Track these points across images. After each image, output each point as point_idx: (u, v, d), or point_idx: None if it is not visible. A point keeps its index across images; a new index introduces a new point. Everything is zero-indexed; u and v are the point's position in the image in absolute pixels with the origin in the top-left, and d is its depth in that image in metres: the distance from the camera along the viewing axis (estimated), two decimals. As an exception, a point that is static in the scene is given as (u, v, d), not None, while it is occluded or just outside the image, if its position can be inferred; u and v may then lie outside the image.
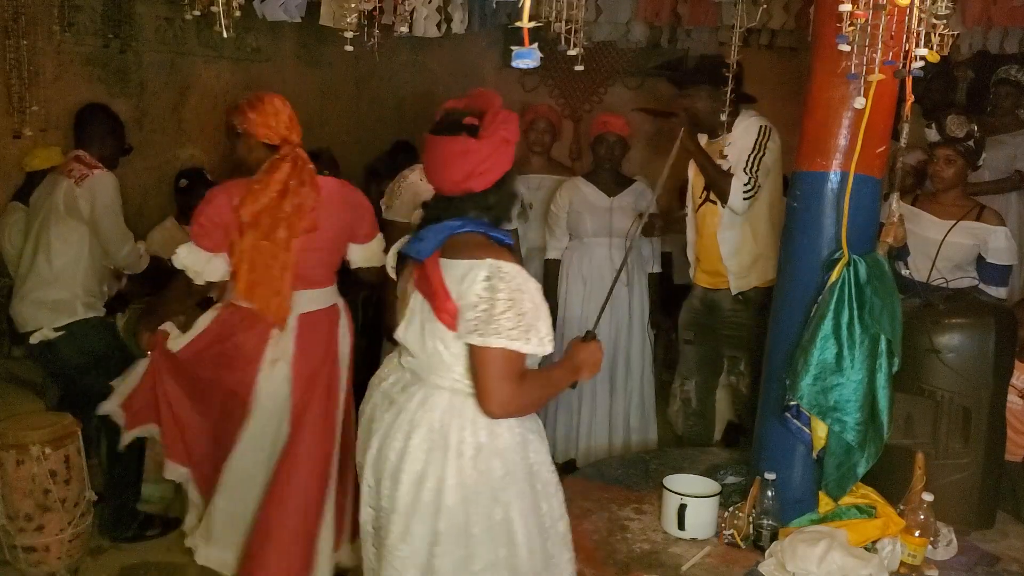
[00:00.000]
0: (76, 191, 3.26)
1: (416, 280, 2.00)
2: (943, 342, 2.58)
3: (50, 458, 3.03)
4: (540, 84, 6.25)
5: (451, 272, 1.92)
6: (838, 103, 2.34)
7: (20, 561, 3.10)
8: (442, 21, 3.64)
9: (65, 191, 3.28)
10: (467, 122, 1.96)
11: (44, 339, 3.30)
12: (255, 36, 4.90)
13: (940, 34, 1.87)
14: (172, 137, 4.59)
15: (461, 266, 1.91)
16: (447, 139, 1.95)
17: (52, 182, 3.36)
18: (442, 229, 1.95)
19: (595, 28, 4.80)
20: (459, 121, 1.98)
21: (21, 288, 3.36)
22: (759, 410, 2.66)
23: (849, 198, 2.31)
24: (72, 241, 3.32)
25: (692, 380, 3.78)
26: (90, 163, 3.33)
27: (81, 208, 3.28)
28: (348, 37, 2.74)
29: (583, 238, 4.15)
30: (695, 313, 3.73)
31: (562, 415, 4.23)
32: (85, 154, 3.37)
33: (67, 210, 3.28)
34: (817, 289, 2.39)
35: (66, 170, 3.32)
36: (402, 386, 2.06)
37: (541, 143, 4.69)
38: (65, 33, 3.98)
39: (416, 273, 2.00)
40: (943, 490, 2.43)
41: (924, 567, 2.35)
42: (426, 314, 1.97)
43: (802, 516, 2.48)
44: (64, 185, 3.28)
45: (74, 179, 3.28)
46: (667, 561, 2.37)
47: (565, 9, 2.45)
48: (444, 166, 1.96)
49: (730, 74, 3.31)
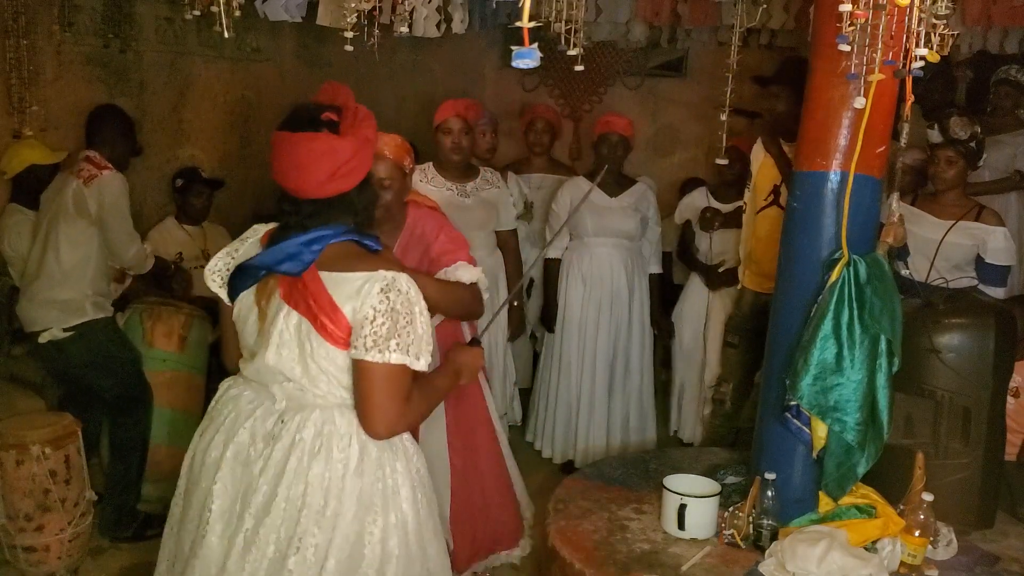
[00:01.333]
0: (84, 191, 3.26)
1: (285, 297, 1.81)
2: (943, 342, 2.58)
3: (50, 458, 3.02)
4: (540, 84, 6.25)
5: (339, 287, 1.77)
6: (838, 103, 2.34)
7: (20, 561, 3.10)
8: (442, 21, 3.64)
9: (74, 191, 3.27)
10: (325, 117, 1.81)
11: (53, 339, 3.29)
12: (255, 36, 4.90)
13: (940, 34, 1.87)
14: (172, 137, 4.58)
15: (351, 279, 1.76)
16: (307, 136, 1.78)
17: (61, 182, 3.36)
18: (315, 239, 1.79)
19: (595, 28, 4.79)
20: (316, 117, 1.81)
21: (30, 288, 3.35)
22: (759, 410, 2.66)
23: (849, 198, 2.32)
24: (81, 241, 3.31)
25: (731, 383, 3.74)
26: (100, 163, 3.33)
27: (89, 208, 3.27)
28: (348, 37, 2.74)
29: (584, 238, 4.15)
30: (743, 317, 3.64)
31: (560, 415, 4.23)
32: (96, 155, 3.36)
33: (76, 210, 3.28)
34: (817, 289, 2.39)
35: (76, 170, 3.32)
36: (280, 418, 1.85)
37: (540, 143, 4.70)
38: (65, 33, 3.98)
39: (283, 289, 1.82)
40: (943, 490, 2.43)
41: (924, 567, 2.35)
42: (305, 333, 1.79)
43: (802, 516, 2.48)
44: (73, 185, 3.28)
45: (83, 179, 3.28)
46: (667, 561, 2.37)
47: (565, 9, 2.45)
48: (305, 166, 1.78)
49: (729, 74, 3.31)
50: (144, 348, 3.56)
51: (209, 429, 1.95)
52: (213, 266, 1.98)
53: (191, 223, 4.32)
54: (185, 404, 3.64)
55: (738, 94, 3.59)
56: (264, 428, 1.86)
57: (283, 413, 1.86)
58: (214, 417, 1.96)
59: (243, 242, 1.99)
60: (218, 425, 1.93)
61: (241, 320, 1.92)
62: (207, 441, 1.93)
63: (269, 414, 1.87)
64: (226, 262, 1.97)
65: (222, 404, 1.97)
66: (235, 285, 1.89)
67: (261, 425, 1.87)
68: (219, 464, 1.87)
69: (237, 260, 1.93)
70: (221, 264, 1.98)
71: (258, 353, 1.86)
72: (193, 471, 1.95)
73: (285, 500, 1.79)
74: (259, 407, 1.89)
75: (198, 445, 1.96)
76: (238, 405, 1.93)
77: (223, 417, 1.93)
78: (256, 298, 1.86)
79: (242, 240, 2.00)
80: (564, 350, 4.19)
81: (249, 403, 1.92)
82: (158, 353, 3.58)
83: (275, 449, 1.82)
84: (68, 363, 3.40)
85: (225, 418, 1.93)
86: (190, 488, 1.96)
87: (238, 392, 1.96)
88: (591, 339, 4.15)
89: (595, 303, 4.14)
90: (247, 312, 1.89)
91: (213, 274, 1.98)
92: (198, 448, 1.96)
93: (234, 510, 1.85)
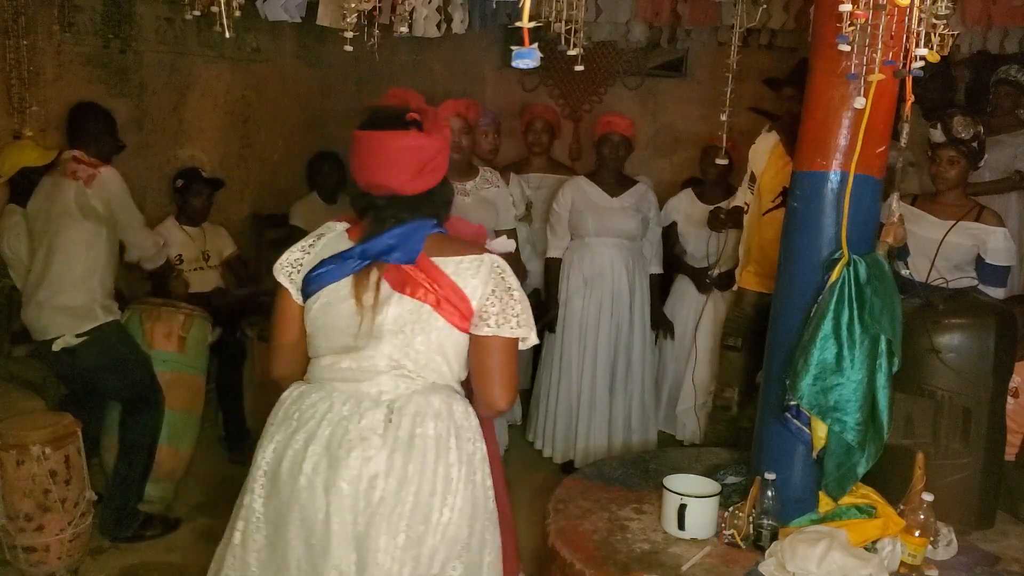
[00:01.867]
0: (88, 192, 3.23)
1: (396, 285, 1.84)
2: (943, 342, 2.58)
3: (50, 458, 3.03)
4: (540, 84, 6.25)
5: (455, 270, 1.85)
6: (838, 103, 2.34)
7: (20, 561, 3.10)
8: (442, 21, 3.63)
9: (76, 194, 3.23)
10: (410, 117, 1.88)
11: (66, 346, 3.28)
12: (255, 36, 4.90)
13: (940, 34, 1.87)
14: (172, 137, 4.59)
15: (464, 263, 1.86)
16: (397, 134, 1.85)
17: (54, 185, 3.31)
18: (416, 229, 1.86)
19: (595, 28, 4.79)
20: (400, 116, 1.88)
21: (36, 295, 3.31)
22: (759, 410, 2.66)
23: (849, 198, 2.31)
24: (91, 244, 3.28)
25: (736, 387, 3.69)
26: (91, 162, 3.30)
27: (97, 208, 3.24)
28: (348, 37, 2.74)
29: (584, 237, 4.15)
30: (745, 319, 3.59)
31: (561, 415, 4.23)
32: (82, 153, 3.34)
33: (82, 213, 3.24)
34: (817, 289, 2.39)
35: (69, 171, 3.28)
36: (389, 409, 1.83)
37: (539, 143, 4.70)
38: (65, 33, 3.98)
39: (392, 278, 1.84)
40: (943, 490, 2.43)
41: (924, 567, 2.35)
42: (425, 318, 1.84)
43: (802, 516, 2.48)
44: (73, 188, 3.24)
45: (81, 180, 3.24)
46: (667, 561, 2.36)
47: (565, 9, 2.45)
48: (395, 162, 1.84)
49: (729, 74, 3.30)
50: (144, 349, 3.56)
51: (295, 437, 1.84)
52: (286, 259, 1.94)
53: (191, 224, 4.32)
54: (185, 405, 3.65)
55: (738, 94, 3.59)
56: (366, 424, 1.81)
57: (392, 402, 1.84)
58: (296, 426, 1.85)
59: (319, 237, 1.96)
60: (309, 432, 1.83)
61: (328, 316, 1.87)
62: (296, 450, 1.83)
63: (370, 408, 1.83)
64: (299, 257, 1.93)
65: (305, 410, 1.87)
66: (318, 280, 1.87)
67: (363, 421, 1.81)
68: (323, 475, 1.79)
69: (316, 255, 1.91)
70: (295, 258, 1.93)
71: (363, 346, 1.84)
72: (282, 486, 1.83)
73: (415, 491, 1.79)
74: (361, 415, 1.83)
75: (282, 456, 1.84)
76: (329, 408, 1.85)
77: (309, 423, 1.84)
78: (355, 291, 1.84)
79: (317, 235, 1.97)
80: (565, 350, 4.20)
81: (343, 404, 1.85)
82: (158, 354, 3.58)
83: (392, 441, 1.80)
84: (81, 368, 3.39)
85: (313, 423, 1.83)
86: (281, 503, 1.83)
87: (321, 395, 1.87)
88: (592, 339, 4.15)
89: (596, 303, 4.14)
90: (338, 306, 1.86)
91: (284, 267, 1.94)
92: (284, 458, 1.84)
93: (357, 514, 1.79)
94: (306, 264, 1.91)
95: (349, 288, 1.85)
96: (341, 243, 1.91)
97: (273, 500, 1.85)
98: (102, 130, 3.46)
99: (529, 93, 6.23)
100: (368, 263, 1.85)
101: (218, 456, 4.24)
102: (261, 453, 1.90)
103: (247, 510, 1.89)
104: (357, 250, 1.86)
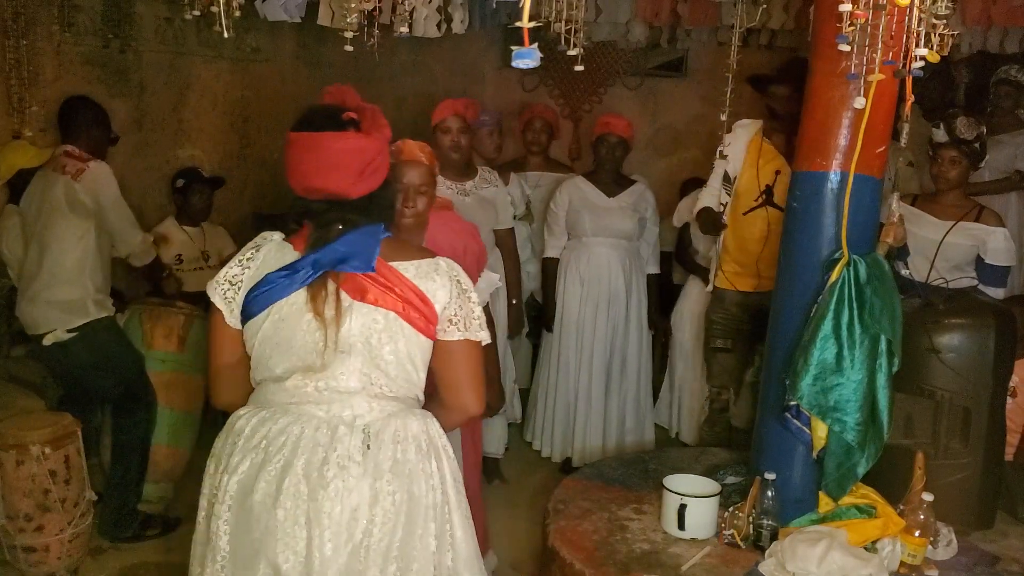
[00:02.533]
0: (76, 187, 3.21)
1: (355, 294, 1.74)
2: (943, 342, 2.58)
3: (50, 458, 3.02)
4: (540, 84, 6.25)
5: (414, 275, 1.77)
6: (838, 103, 2.34)
7: (20, 561, 3.09)
8: (442, 21, 3.64)
9: (64, 188, 3.23)
10: (347, 117, 1.78)
11: (57, 340, 3.27)
12: (255, 36, 4.90)
13: (940, 34, 1.87)
14: (172, 137, 4.58)
15: (421, 267, 1.78)
16: (335, 135, 1.74)
17: (45, 180, 3.30)
18: (368, 234, 1.76)
19: (595, 28, 4.79)
20: (336, 116, 1.77)
21: (28, 289, 3.31)
22: (759, 410, 2.66)
23: (849, 198, 2.32)
24: (79, 238, 3.27)
25: (730, 388, 3.74)
26: (81, 156, 3.28)
27: (85, 203, 3.23)
28: (348, 37, 2.74)
29: (582, 237, 4.16)
30: (731, 319, 3.63)
31: (559, 414, 4.24)
32: (74, 148, 3.32)
33: (70, 207, 3.23)
34: (817, 289, 2.39)
35: (59, 166, 3.26)
36: (365, 433, 1.73)
37: (538, 143, 4.70)
38: (65, 33, 3.98)
39: (349, 288, 1.74)
40: (943, 490, 2.43)
41: (924, 567, 2.35)
42: (391, 328, 1.74)
43: (802, 516, 2.48)
44: (61, 182, 3.23)
45: (70, 175, 3.23)
46: (667, 561, 2.37)
47: (565, 9, 2.45)
48: (336, 165, 1.73)
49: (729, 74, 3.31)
50: (143, 349, 3.55)
51: (267, 468, 1.70)
52: (222, 276, 1.79)
53: (191, 223, 4.32)
54: (184, 405, 3.64)
55: (738, 94, 3.60)
56: (343, 451, 1.70)
57: (367, 427, 1.73)
58: (265, 456, 1.71)
59: (256, 250, 1.81)
60: (284, 462, 1.69)
61: (283, 334, 1.74)
62: (268, 482, 1.69)
63: (346, 434, 1.72)
64: (236, 273, 1.78)
65: (273, 438, 1.72)
66: (267, 296, 1.73)
67: (340, 449, 1.70)
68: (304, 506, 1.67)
69: (258, 269, 1.78)
70: (232, 274, 1.79)
71: (329, 363, 1.72)
72: (253, 521, 1.70)
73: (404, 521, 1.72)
74: (317, 431, 1.71)
75: (250, 488, 1.70)
76: (300, 435, 1.72)
77: (282, 451, 1.70)
78: (312, 304, 1.72)
79: (255, 247, 1.82)
80: (562, 349, 4.20)
81: (316, 431, 1.72)
82: (157, 354, 3.57)
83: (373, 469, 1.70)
84: (71, 364, 3.39)
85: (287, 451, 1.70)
86: (252, 539, 1.70)
87: (289, 420, 1.73)
88: (588, 339, 4.16)
89: (593, 303, 4.15)
90: (293, 321, 1.73)
91: (220, 285, 1.78)
92: (255, 491, 1.70)
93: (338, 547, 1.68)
94: (246, 280, 1.77)
95: (304, 301, 1.72)
96: (284, 254, 1.78)
97: (242, 536, 1.71)
98: (91, 122, 3.41)
99: (529, 93, 6.22)
100: (321, 273, 1.73)
101: (218, 456, 4.22)
102: (220, 485, 1.74)
103: (211, 549, 1.74)
104: (309, 260, 1.73)
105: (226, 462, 1.75)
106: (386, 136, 1.82)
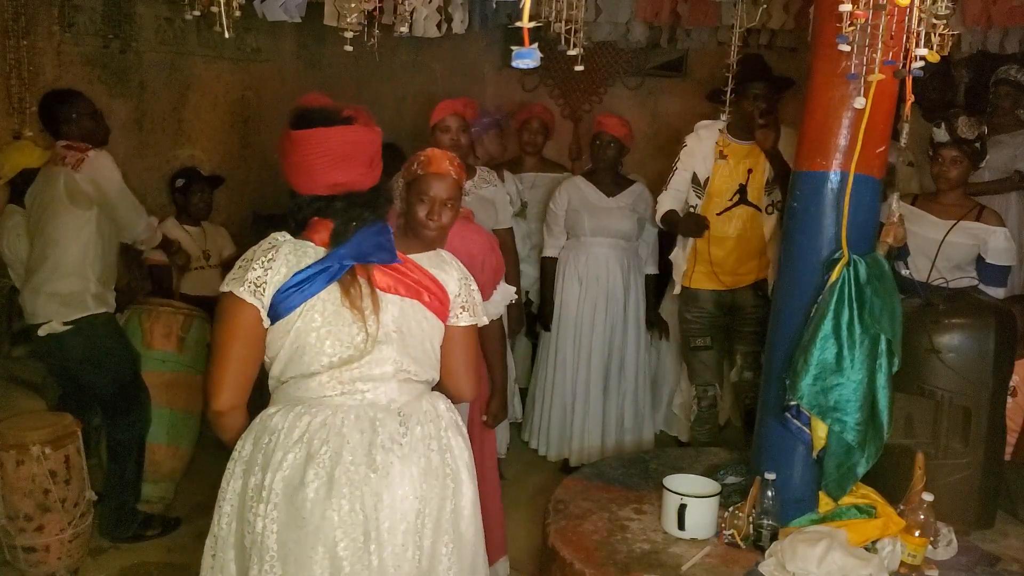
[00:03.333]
0: (76, 176, 3.18)
1: (382, 285, 1.81)
2: (943, 342, 2.58)
3: (50, 458, 3.02)
4: (540, 84, 6.24)
5: (428, 263, 1.93)
6: (838, 103, 2.34)
7: (20, 561, 3.10)
8: (442, 21, 3.64)
9: (65, 179, 3.20)
10: (347, 114, 1.84)
11: (51, 332, 3.26)
12: (255, 36, 4.90)
13: (940, 34, 1.87)
14: (172, 137, 4.59)
15: (431, 258, 1.96)
16: (348, 128, 1.79)
17: (47, 175, 3.30)
18: (383, 228, 1.85)
19: (595, 28, 4.79)
20: (337, 114, 1.82)
21: (32, 280, 3.30)
22: (759, 410, 2.66)
23: (849, 198, 2.32)
24: (80, 229, 3.25)
25: (715, 384, 3.84)
26: (81, 147, 3.25)
27: (86, 192, 3.20)
28: (348, 37, 2.74)
29: (580, 237, 4.16)
30: (707, 316, 3.74)
31: (556, 414, 4.24)
32: (70, 142, 3.31)
33: (71, 199, 3.21)
34: (817, 289, 2.39)
35: (59, 159, 3.25)
36: (400, 417, 1.83)
37: (534, 143, 4.70)
38: (65, 33, 3.98)
39: (376, 279, 1.81)
40: (943, 490, 2.43)
41: (924, 567, 2.35)
42: (416, 316, 1.86)
43: (802, 516, 2.48)
44: (62, 174, 3.21)
45: (70, 165, 3.20)
46: (667, 561, 2.37)
47: (565, 9, 2.45)
48: (349, 156, 1.77)
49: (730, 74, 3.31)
50: (143, 349, 3.55)
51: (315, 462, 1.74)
52: (248, 277, 1.77)
53: (192, 223, 4.32)
54: (184, 404, 3.64)
55: (738, 94, 3.59)
56: (386, 436, 1.78)
57: (400, 410, 1.84)
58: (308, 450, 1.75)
59: (274, 250, 1.80)
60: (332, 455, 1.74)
61: (320, 330, 1.77)
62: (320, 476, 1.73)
63: (384, 420, 1.80)
64: (260, 275, 1.77)
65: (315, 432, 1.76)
66: (300, 294, 1.75)
67: (383, 434, 1.78)
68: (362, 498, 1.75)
69: (286, 269, 1.77)
70: (255, 276, 1.77)
71: (368, 353, 1.78)
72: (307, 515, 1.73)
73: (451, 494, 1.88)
74: (358, 419, 1.78)
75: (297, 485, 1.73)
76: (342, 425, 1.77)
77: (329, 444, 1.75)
78: (347, 299, 1.77)
79: (271, 248, 1.81)
80: (560, 349, 4.20)
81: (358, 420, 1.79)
82: (157, 354, 3.58)
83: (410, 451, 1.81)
84: (65, 358, 3.37)
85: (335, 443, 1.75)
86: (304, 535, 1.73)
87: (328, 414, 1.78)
88: (587, 338, 4.16)
89: (591, 302, 4.15)
90: (330, 317, 1.77)
91: (247, 284, 1.77)
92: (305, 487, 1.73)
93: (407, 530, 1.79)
94: (271, 281, 1.76)
95: (337, 296, 1.76)
96: (305, 252, 1.80)
97: (294, 531, 1.72)
98: (83, 115, 3.33)
99: (529, 93, 6.22)
100: (350, 267, 1.77)
101: (218, 456, 4.22)
102: (264, 484, 1.75)
103: (257, 550, 1.74)
104: (338, 255, 1.77)
105: (265, 461, 1.77)
106: (379, 131, 1.91)
